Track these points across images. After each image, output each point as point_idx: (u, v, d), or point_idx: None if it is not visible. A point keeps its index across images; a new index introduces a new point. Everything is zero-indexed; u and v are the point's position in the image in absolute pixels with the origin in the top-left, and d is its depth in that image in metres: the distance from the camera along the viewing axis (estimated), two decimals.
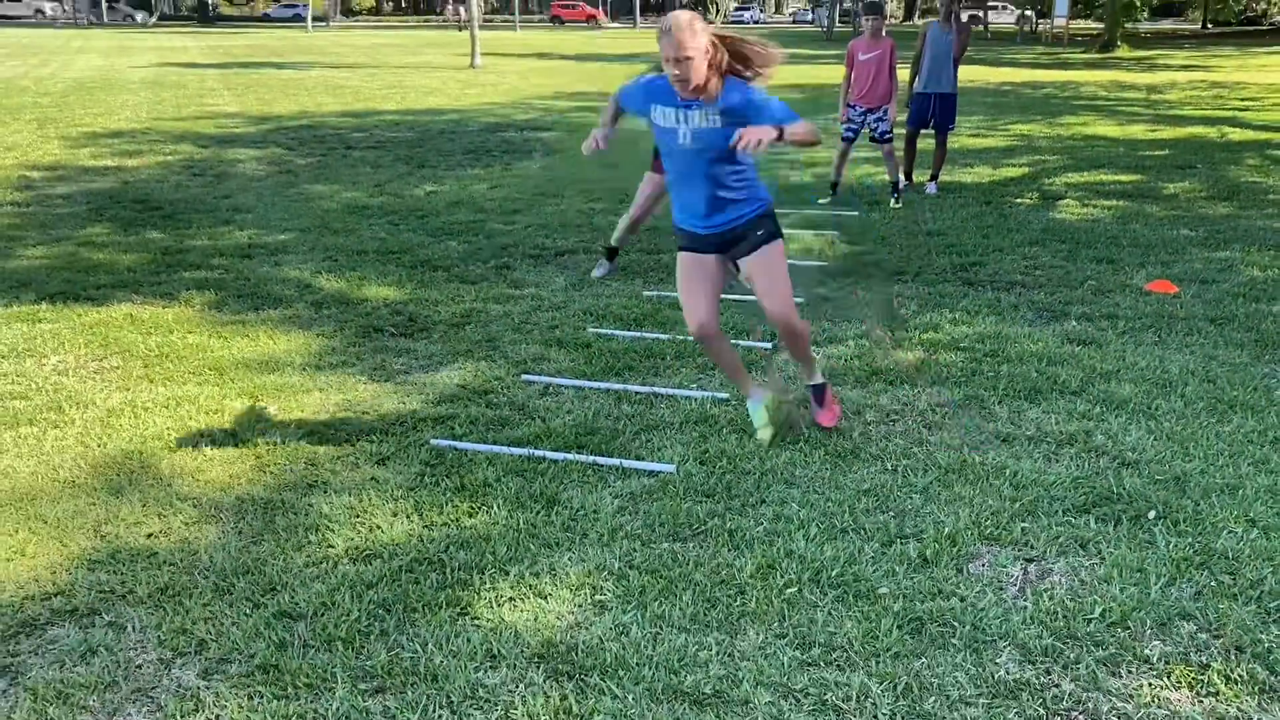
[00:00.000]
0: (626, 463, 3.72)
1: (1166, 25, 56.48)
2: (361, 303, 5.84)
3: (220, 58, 30.86)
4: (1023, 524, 3.28)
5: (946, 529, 3.23)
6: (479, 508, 3.41)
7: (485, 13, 73.66)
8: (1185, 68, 27.27)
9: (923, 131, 9.33)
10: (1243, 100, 18.23)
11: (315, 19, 58.69)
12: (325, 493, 3.54)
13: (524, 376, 4.66)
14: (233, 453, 3.87)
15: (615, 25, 64.66)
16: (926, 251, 6.94)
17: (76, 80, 21.82)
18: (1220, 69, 26.73)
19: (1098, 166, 10.68)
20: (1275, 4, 37.64)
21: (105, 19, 65.51)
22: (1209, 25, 54.14)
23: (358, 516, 3.37)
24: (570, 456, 3.77)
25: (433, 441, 3.93)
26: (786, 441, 3.89)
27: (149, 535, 3.27)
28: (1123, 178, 9.99)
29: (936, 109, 9.03)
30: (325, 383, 4.60)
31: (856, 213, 8.37)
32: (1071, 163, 11.00)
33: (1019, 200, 8.85)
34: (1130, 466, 3.69)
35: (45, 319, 5.49)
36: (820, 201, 8.80)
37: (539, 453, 3.80)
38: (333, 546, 3.19)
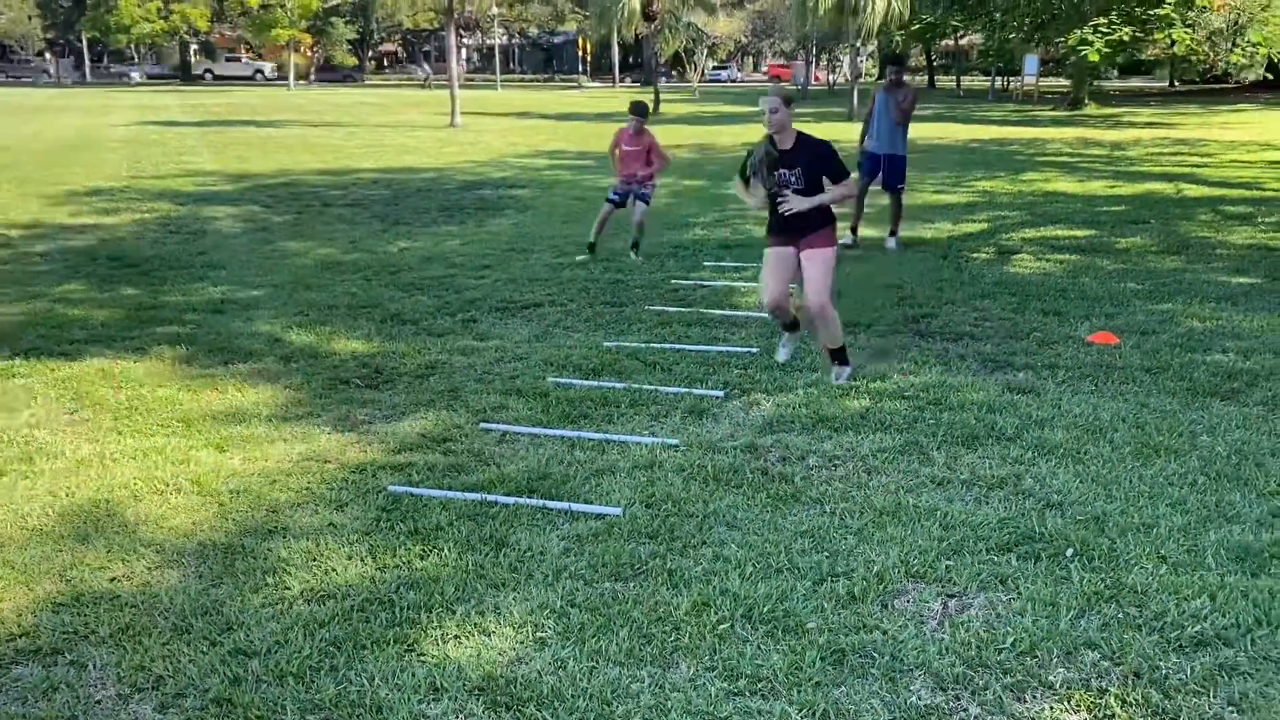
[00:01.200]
0: (575, 506, 3.89)
1: (1135, 83, 57.87)
2: (330, 356, 6.01)
3: (201, 115, 31.25)
4: (948, 561, 3.45)
5: (876, 567, 3.40)
6: (430, 550, 3.56)
7: (467, 72, 74.77)
8: (1150, 125, 27.99)
9: (874, 189, 9.70)
10: (1201, 157, 18.76)
11: (298, 77, 59.43)
12: (284, 538, 3.68)
13: (482, 425, 4.83)
14: (196, 500, 4.01)
15: (595, 85, 65.71)
16: (881, 304, 7.18)
17: (58, 139, 22.08)
18: (1184, 126, 27.46)
19: (1055, 222, 11.01)
20: (1236, 62, 38.75)
21: (89, 78, 66.17)
22: (1175, 84, 55.52)
23: (314, 560, 3.51)
24: (521, 500, 3.93)
25: (390, 488, 4.08)
26: (731, 484, 4.07)
27: (112, 579, 3.40)
28: (1078, 233, 10.32)
29: (885, 169, 9.40)
30: (290, 433, 4.76)
31: None
32: (1030, 218, 11.34)
33: (975, 255, 9.14)
34: (1054, 508, 3.87)
35: (19, 373, 5.64)
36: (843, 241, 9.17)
37: (491, 497, 3.96)
38: (289, 588, 3.33)
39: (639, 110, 9.00)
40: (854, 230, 9.63)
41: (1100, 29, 30.43)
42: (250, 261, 8.92)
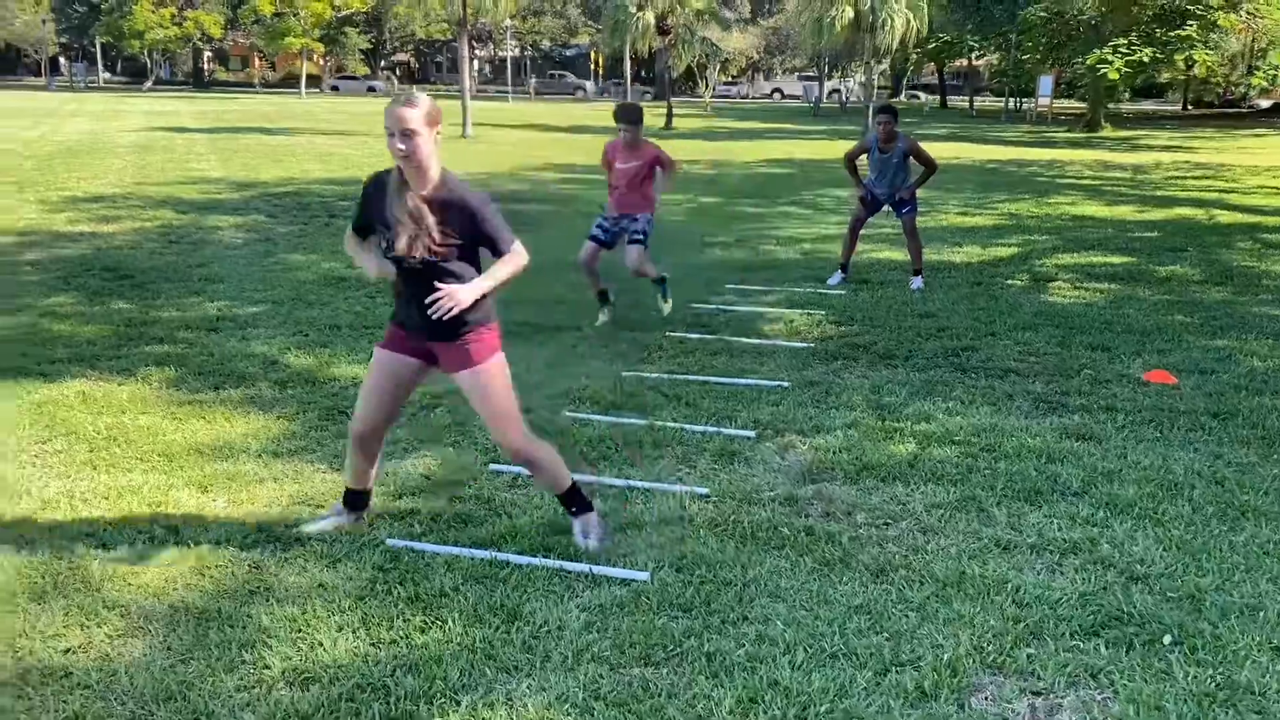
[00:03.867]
0: (597, 569, 3.44)
1: (1148, 106, 57.51)
2: (329, 382, 5.58)
3: (211, 122, 30.96)
4: (1028, 649, 3.00)
5: (946, 655, 2.95)
6: (432, 622, 3.12)
7: (479, 84, 74.64)
8: (1168, 148, 27.58)
9: (890, 224, 9.05)
10: (1226, 182, 18.33)
11: (308, 86, 59.26)
12: (267, 601, 3.24)
13: (492, 466, 4.39)
14: (172, 553, 3.56)
15: (605, 99, 65.48)
16: (916, 334, 6.73)
17: (64, 143, 21.75)
18: (1202, 150, 27.05)
19: (1088, 248, 10.57)
20: (1258, 85, 38.37)
21: (101, 82, 66.13)
22: (1189, 107, 55.16)
23: (299, 631, 3.07)
24: (536, 561, 3.49)
25: (388, 541, 3.64)
26: (771, 544, 3.61)
27: (67, 651, 2.96)
28: (1113, 260, 9.87)
29: (893, 202, 8.45)
30: (281, 471, 4.32)
31: (842, 292, 8.19)
32: (1061, 243, 10.90)
33: (1010, 282, 8.70)
34: (1140, 581, 3.42)
35: None
36: (831, 282, 8.53)
37: (502, 556, 3.52)
38: (269, 667, 2.88)
39: (631, 116, 6.74)
40: (844, 268, 8.65)
41: (1120, 49, 30.03)
42: (250, 275, 8.51)
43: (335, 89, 64.91)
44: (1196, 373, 5.96)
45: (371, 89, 63.81)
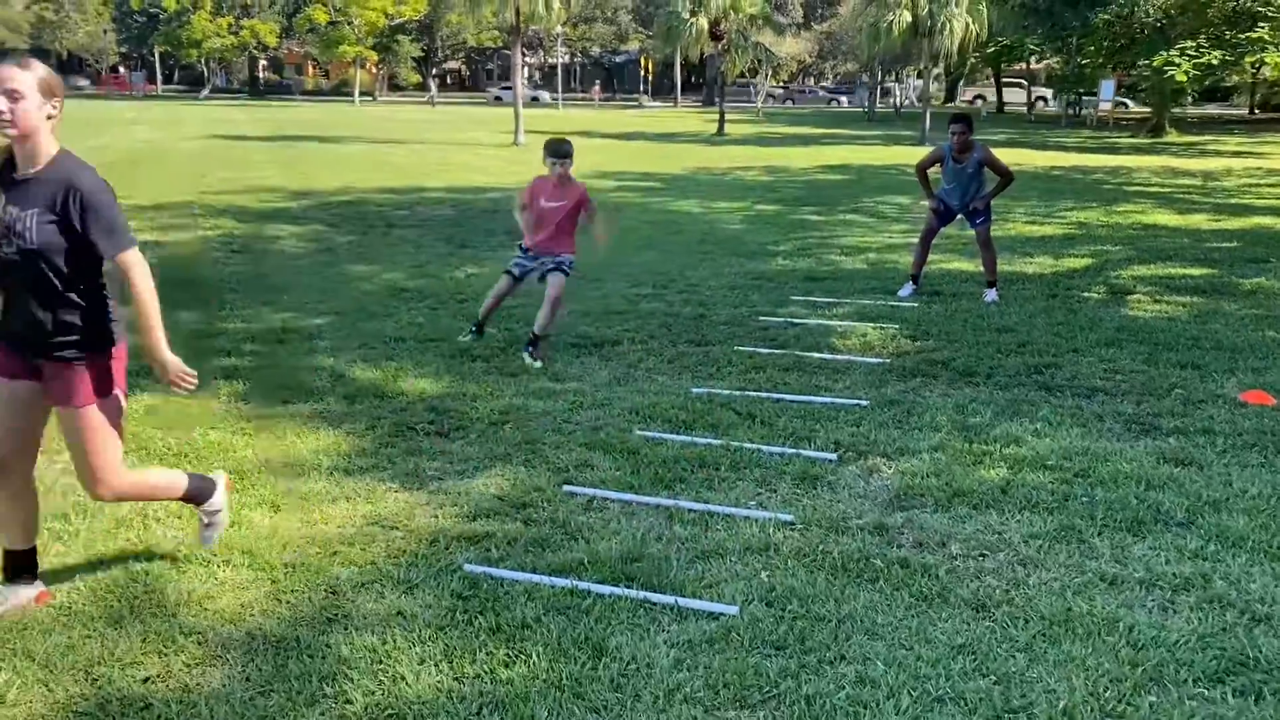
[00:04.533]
0: (683, 601, 3.30)
1: (1212, 110, 56.17)
2: (397, 396, 5.51)
3: (268, 130, 31.38)
4: (1150, 697, 2.81)
5: (1061, 702, 2.77)
6: (516, 655, 3.00)
7: (529, 90, 74.97)
8: (1237, 154, 26.85)
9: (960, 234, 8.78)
10: None
11: (362, 94, 59.93)
12: (345, 629, 3.15)
13: (566, 488, 4.27)
14: (247, 575, 3.49)
15: (656, 104, 65.47)
16: (996, 350, 6.51)
17: (126, 152, 22.12)
18: (1272, 156, 26.29)
19: (1164, 258, 10.24)
20: None
21: (160, 92, 67.43)
22: (1256, 110, 53.77)
23: (380, 662, 2.96)
24: (619, 591, 3.36)
25: (466, 568, 3.53)
26: (864, 577, 3.45)
27: (145, 680, 2.89)
28: (1192, 271, 9.54)
29: (966, 213, 8.21)
30: (353, 490, 4.24)
31: (914, 304, 7.98)
32: (1135, 254, 10.57)
33: (1086, 294, 8.43)
34: (1263, 622, 3.21)
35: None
36: (902, 294, 8.31)
37: (583, 585, 3.39)
38: (350, 702, 2.78)
39: (560, 151, 6.20)
40: (915, 279, 8.41)
41: (1188, 51, 29.33)
42: (314, 285, 8.50)
43: (499, 99, 63.42)
44: None
45: (498, 99, 62.78)
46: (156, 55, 71.55)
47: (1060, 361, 6.27)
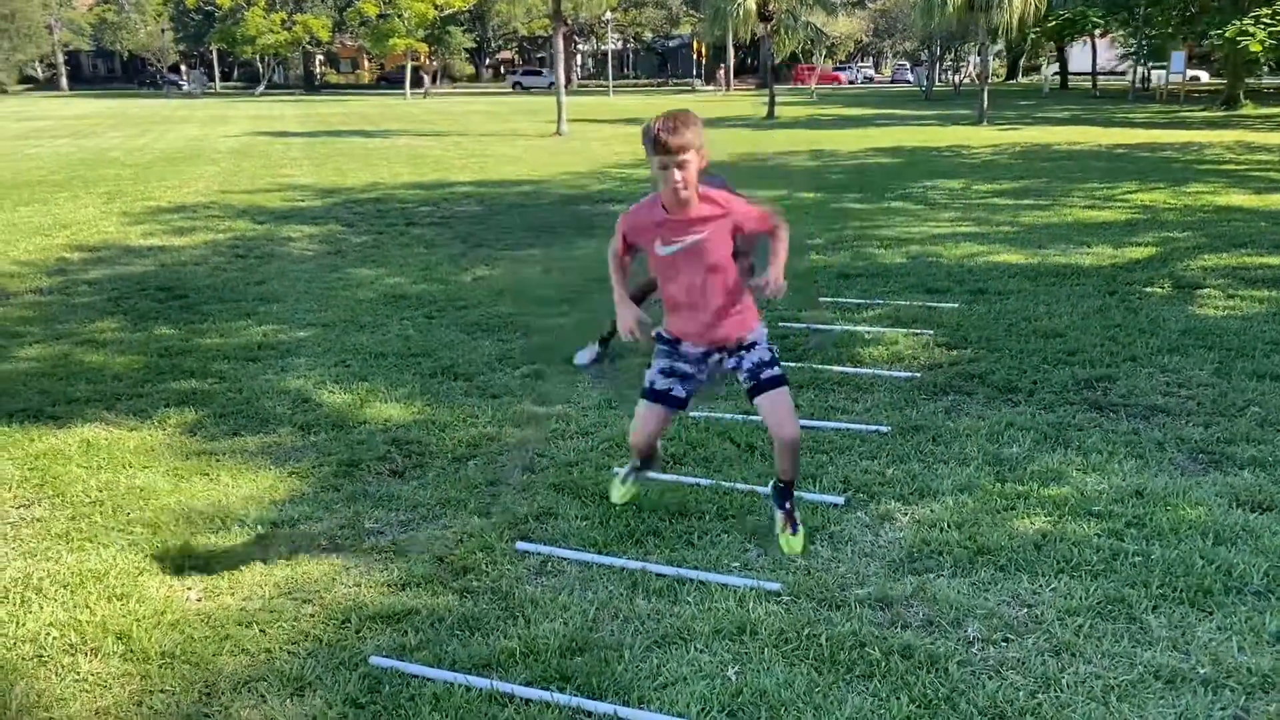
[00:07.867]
0: (624, 713, 2.67)
1: None
2: (358, 425, 4.94)
3: (313, 126, 31.23)
4: None
5: None
6: None
7: (581, 78, 74.45)
8: None
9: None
10: None
11: (414, 86, 59.91)
12: None
13: (520, 544, 3.66)
14: (115, 669, 2.93)
15: (709, 89, 64.50)
16: (1042, 360, 5.75)
17: (165, 151, 22.00)
18: None
19: (1239, 246, 9.30)
20: None
21: (218, 89, 68.18)
22: None
23: None
24: (547, 696, 2.73)
25: (372, 660, 2.94)
26: (856, 673, 2.78)
27: None
28: (1271, 261, 8.61)
29: None
30: (274, 549, 3.67)
31: (955, 305, 7.20)
32: (1207, 241, 9.64)
33: (1149, 290, 7.57)
34: None
35: None
36: None
37: (506, 688, 2.77)
38: None
39: (667, 145, 3.00)
40: None
41: (1263, 20, 27.73)
42: (309, 293, 8.00)
43: (519, 85, 65.16)
44: None
45: (551, 83, 63.90)
46: (214, 53, 72.32)
47: (1115, 373, 5.49)
